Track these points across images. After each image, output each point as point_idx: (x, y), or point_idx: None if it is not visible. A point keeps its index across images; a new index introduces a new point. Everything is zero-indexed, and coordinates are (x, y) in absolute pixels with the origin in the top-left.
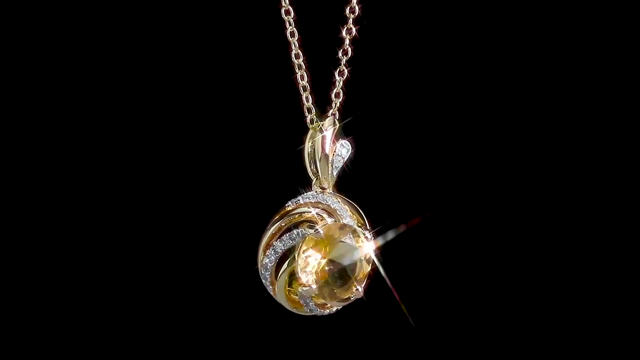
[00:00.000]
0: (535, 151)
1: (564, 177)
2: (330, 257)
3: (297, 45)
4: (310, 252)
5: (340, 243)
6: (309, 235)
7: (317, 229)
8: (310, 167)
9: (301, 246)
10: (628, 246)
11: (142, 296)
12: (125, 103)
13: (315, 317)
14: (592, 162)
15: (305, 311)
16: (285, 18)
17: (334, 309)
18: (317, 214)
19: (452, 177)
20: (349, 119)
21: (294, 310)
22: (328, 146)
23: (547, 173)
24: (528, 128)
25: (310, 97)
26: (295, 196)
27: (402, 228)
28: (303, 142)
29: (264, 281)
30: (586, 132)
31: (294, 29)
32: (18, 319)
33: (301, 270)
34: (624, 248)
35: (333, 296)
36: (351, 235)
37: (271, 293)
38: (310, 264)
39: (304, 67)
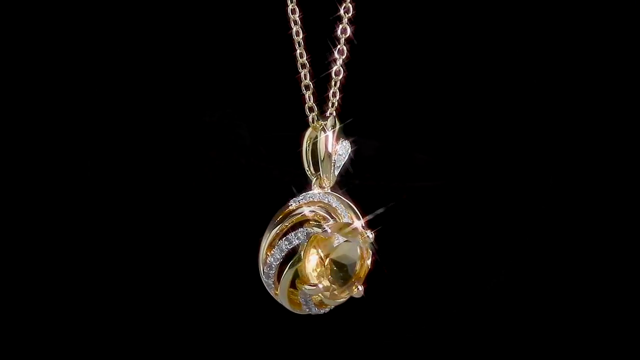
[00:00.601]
0: (534, 151)
1: (563, 177)
2: (332, 256)
3: (302, 45)
4: (315, 251)
5: (343, 242)
6: (314, 234)
7: (325, 228)
8: (309, 166)
9: (306, 245)
10: (628, 246)
11: (143, 296)
12: (127, 103)
13: (311, 316)
14: (591, 161)
15: (303, 310)
16: (291, 17)
17: (328, 308)
18: (311, 211)
19: (451, 176)
20: (349, 120)
21: (293, 310)
22: (331, 145)
23: (545, 174)
24: (527, 125)
25: (312, 96)
26: (296, 195)
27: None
28: (301, 142)
29: (266, 280)
30: (584, 131)
31: (300, 28)
32: (19, 319)
33: (307, 269)
34: (624, 248)
35: (334, 295)
36: (353, 235)
37: (271, 292)
38: (314, 263)
39: (308, 66)
